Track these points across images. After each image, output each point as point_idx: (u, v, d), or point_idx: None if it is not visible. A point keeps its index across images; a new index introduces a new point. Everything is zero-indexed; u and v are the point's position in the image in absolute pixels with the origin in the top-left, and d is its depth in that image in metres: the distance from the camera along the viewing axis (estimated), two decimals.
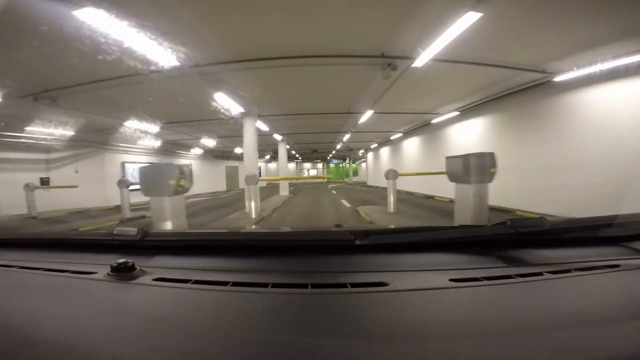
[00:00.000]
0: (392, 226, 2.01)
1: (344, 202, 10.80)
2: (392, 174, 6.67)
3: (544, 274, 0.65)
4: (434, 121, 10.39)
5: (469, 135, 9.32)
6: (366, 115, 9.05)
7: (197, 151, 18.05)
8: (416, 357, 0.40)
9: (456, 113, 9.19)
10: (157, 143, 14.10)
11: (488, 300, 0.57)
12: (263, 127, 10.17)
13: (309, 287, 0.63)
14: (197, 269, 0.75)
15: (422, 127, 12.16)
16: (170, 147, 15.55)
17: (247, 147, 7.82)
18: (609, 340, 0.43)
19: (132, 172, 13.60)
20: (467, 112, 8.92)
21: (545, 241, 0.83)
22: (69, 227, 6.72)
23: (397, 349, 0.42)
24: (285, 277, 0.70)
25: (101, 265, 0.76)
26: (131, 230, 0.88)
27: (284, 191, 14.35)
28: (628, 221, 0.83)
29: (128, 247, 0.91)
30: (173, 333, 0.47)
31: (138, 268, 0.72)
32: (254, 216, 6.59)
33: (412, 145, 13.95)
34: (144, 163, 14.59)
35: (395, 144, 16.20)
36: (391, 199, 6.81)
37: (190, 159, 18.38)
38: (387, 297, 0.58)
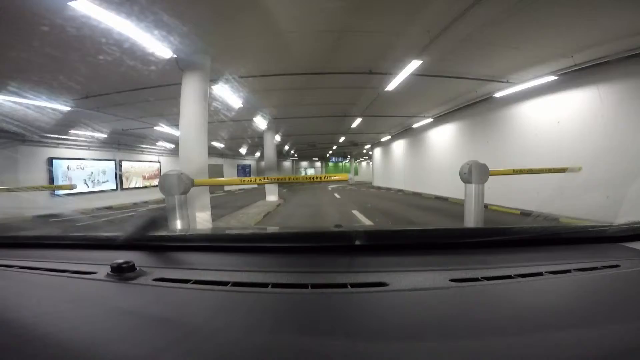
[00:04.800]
0: (392, 226, 2.09)
1: (357, 214, 7.33)
2: (477, 173, 2.99)
3: (544, 274, 0.64)
4: (498, 94, 6.85)
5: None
6: (403, 75, 5.39)
7: (168, 145, 14.39)
8: (416, 357, 0.40)
9: (551, 78, 5.64)
10: (103, 134, 10.50)
11: (488, 300, 0.56)
12: (233, 100, 6.56)
13: (309, 287, 0.62)
14: (197, 269, 0.73)
15: (462, 110, 8.70)
16: (125, 140, 11.97)
17: (186, 126, 4.26)
18: (609, 341, 0.42)
19: (66, 171, 10.09)
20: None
21: (545, 241, 0.83)
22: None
23: (397, 349, 0.41)
24: (285, 277, 0.69)
25: (101, 265, 0.74)
26: (131, 230, 0.87)
27: (272, 196, 10.87)
28: (628, 221, 0.83)
29: (128, 247, 0.88)
30: (173, 333, 0.47)
31: (138, 268, 0.70)
32: None
33: (444, 135, 10.48)
34: (82, 160, 11.19)
35: (416, 135, 12.73)
36: (473, 220, 3.16)
37: (159, 155, 14.87)
38: (387, 297, 0.58)
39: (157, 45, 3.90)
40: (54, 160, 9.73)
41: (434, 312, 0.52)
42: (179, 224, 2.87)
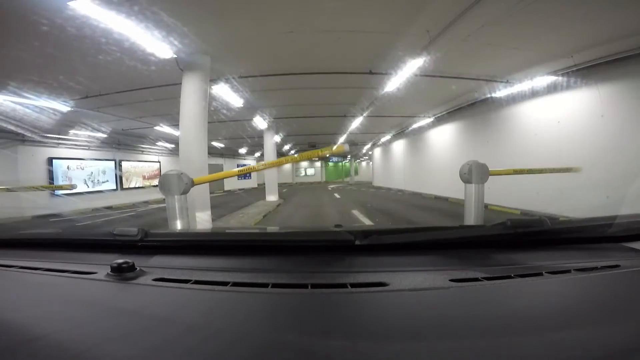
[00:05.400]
0: (392, 226, 2.16)
1: (357, 215, 7.32)
2: (477, 173, 2.93)
3: (544, 274, 0.64)
4: (498, 94, 6.84)
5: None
6: (403, 75, 5.37)
7: (168, 145, 14.38)
8: (416, 357, 0.40)
9: (551, 78, 5.64)
10: (103, 134, 10.49)
11: (488, 300, 0.56)
12: (233, 99, 6.56)
13: (309, 287, 0.62)
14: (197, 269, 0.73)
15: (462, 110, 8.69)
16: (125, 140, 11.97)
17: (186, 126, 4.26)
18: (609, 341, 0.42)
19: (66, 171, 10.09)
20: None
21: (545, 241, 0.83)
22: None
23: (397, 349, 0.41)
24: (285, 277, 0.69)
25: (101, 265, 0.74)
26: (131, 230, 0.87)
27: (272, 196, 10.86)
28: (628, 221, 0.83)
29: (128, 247, 0.89)
30: (173, 333, 0.46)
31: (138, 268, 0.70)
32: None
33: (444, 135, 10.48)
34: (83, 159, 11.18)
35: (416, 135, 12.74)
36: (473, 220, 3.13)
37: (159, 154, 14.86)
38: (387, 297, 0.58)
39: (157, 45, 3.91)
40: (53, 160, 9.71)
41: (434, 312, 0.52)
42: (178, 224, 2.89)
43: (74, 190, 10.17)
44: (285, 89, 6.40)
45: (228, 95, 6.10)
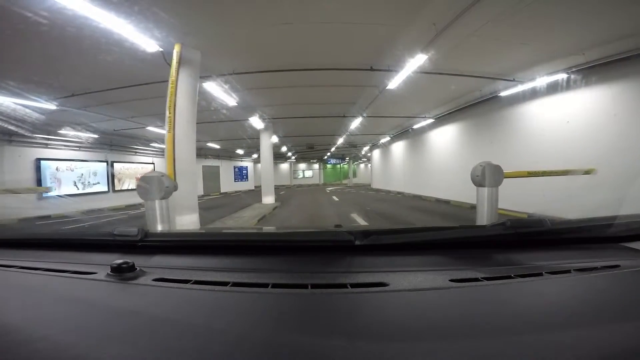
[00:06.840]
0: (392, 226, 2.09)
1: (355, 218, 7.04)
2: (491, 175, 2.72)
3: (544, 274, 0.63)
4: (504, 93, 6.61)
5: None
6: (406, 72, 5.11)
7: (162, 146, 14.04)
8: (416, 357, 0.39)
9: (561, 75, 5.41)
10: (93, 134, 10.16)
11: (488, 300, 0.56)
12: (227, 98, 6.26)
13: (309, 287, 0.61)
14: (197, 269, 0.73)
15: (465, 110, 8.47)
16: (117, 141, 11.65)
17: (181, 121, 3.94)
18: (609, 341, 0.42)
19: (54, 173, 9.73)
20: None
21: (545, 241, 0.83)
22: None
23: (397, 349, 0.41)
24: (285, 277, 0.69)
25: (101, 265, 0.75)
26: (131, 231, 0.87)
27: (268, 197, 10.57)
28: (628, 221, 0.82)
29: (128, 247, 0.89)
30: (173, 333, 0.47)
31: (138, 268, 0.70)
32: None
33: (446, 136, 10.24)
34: (72, 160, 10.82)
35: (416, 136, 12.49)
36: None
37: (153, 156, 14.55)
38: (387, 297, 0.57)
39: (142, 39, 3.63)
40: (41, 161, 9.36)
41: (434, 312, 0.51)
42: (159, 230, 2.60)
43: (64, 192, 9.85)
44: (282, 87, 6.13)
45: (220, 93, 5.81)
